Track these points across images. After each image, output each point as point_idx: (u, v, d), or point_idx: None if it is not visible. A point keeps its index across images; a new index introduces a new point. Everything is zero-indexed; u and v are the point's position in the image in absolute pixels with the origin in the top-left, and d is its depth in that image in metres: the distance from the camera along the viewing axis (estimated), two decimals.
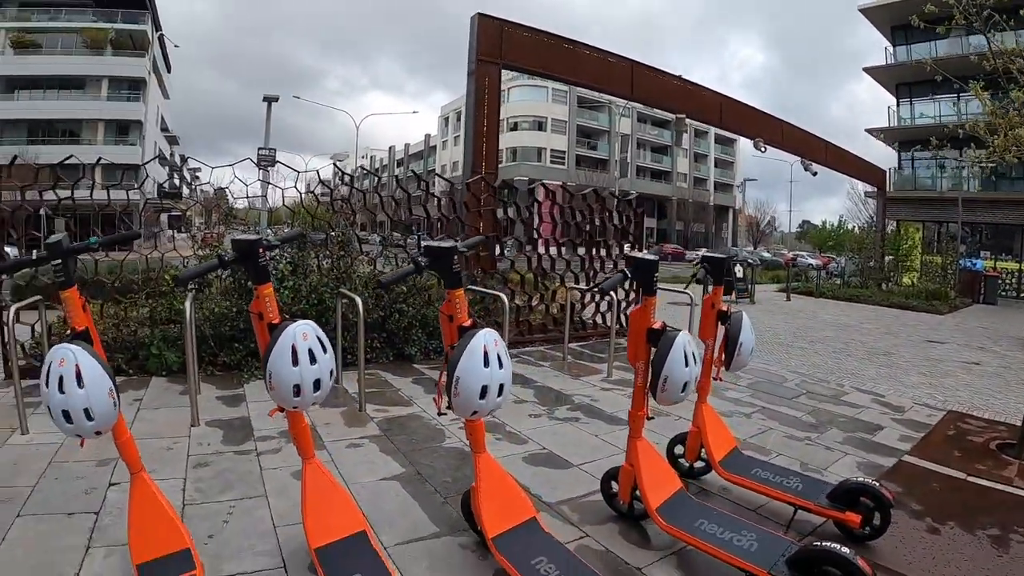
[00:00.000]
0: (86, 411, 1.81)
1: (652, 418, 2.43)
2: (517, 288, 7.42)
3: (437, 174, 8.90)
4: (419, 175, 8.41)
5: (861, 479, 2.65)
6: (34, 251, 2.21)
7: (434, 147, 61.76)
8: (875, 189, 18.85)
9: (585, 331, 7.87)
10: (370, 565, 1.99)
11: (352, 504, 2.23)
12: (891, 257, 17.08)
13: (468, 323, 2.05)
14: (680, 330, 2.20)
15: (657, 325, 2.22)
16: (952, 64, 8.92)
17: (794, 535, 2.62)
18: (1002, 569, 2.49)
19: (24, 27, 34.45)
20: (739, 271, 13.26)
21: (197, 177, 44.36)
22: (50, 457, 3.32)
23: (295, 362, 1.88)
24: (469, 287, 6.17)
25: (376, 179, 11.71)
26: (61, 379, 1.79)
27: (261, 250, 2.04)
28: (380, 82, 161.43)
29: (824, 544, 2.00)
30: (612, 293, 6.12)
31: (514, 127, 50.29)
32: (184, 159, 53.20)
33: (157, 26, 36.70)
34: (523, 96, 48.40)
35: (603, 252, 8.19)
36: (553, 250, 7.97)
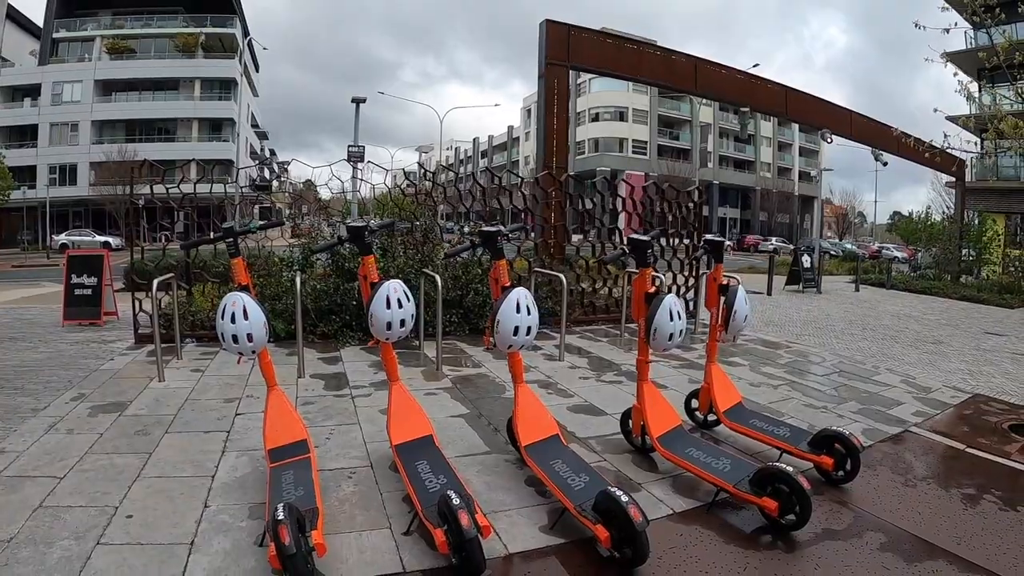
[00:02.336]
0: (248, 335, 2.65)
1: (648, 362, 3.07)
2: (583, 272, 8.06)
3: (508, 170, 9.61)
4: (491, 170, 9.13)
5: (836, 428, 3.13)
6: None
7: (517, 138, 62.50)
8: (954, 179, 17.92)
9: None
10: (434, 456, 2.79)
11: (424, 415, 3.03)
12: (970, 249, 16.27)
13: (508, 284, 2.80)
14: (669, 293, 2.84)
15: (651, 290, 2.87)
16: None
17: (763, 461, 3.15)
18: (961, 518, 2.82)
19: (119, 34, 37.60)
20: (806, 261, 13.17)
21: (286, 170, 47.43)
22: (185, 396, 4.36)
23: (388, 306, 2.70)
24: (536, 269, 6.96)
25: (456, 174, 12.69)
26: (233, 314, 2.64)
27: (367, 232, 2.89)
28: (458, 72, 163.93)
29: (775, 465, 2.57)
30: (662, 278, 6.70)
31: (595, 118, 49.95)
32: (273, 153, 57.05)
33: (245, 28, 38.62)
34: (604, 86, 47.91)
35: (664, 240, 8.61)
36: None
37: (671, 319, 2.74)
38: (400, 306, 2.71)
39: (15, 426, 3.67)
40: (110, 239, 26.86)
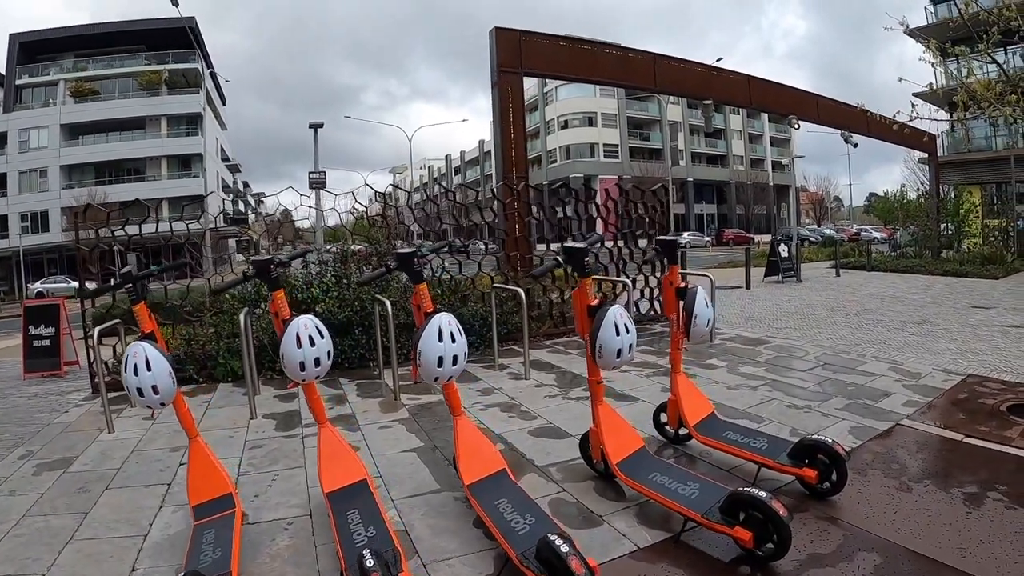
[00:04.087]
0: (153, 387, 2.44)
1: (600, 382, 2.78)
2: (550, 284, 7.79)
3: (465, 185, 9.27)
4: (445, 187, 8.83)
5: (816, 436, 2.83)
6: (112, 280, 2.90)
7: (488, 152, 62.77)
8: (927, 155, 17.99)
9: None
10: (367, 503, 2.50)
11: (355, 458, 2.75)
12: (948, 223, 16.24)
13: (431, 309, 2.50)
14: (615, 304, 2.55)
15: (594, 302, 2.57)
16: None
17: (740, 485, 2.87)
18: (965, 524, 2.52)
19: (82, 76, 37.44)
20: (783, 251, 13.02)
21: (262, 202, 47.03)
22: (132, 448, 4.07)
23: (299, 344, 2.42)
24: (495, 286, 6.67)
25: (425, 195, 12.38)
26: (136, 366, 2.42)
27: (272, 266, 2.62)
28: (422, 91, 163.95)
29: (746, 490, 2.27)
30: (628, 283, 6.44)
31: (565, 125, 50.32)
32: (246, 185, 56.65)
33: (208, 63, 38.68)
34: (571, 93, 48.32)
35: (631, 243, 8.39)
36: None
37: (617, 333, 2.45)
38: (312, 343, 2.43)
39: None
40: (88, 284, 26.19)
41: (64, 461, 3.89)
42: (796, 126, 11.52)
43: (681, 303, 3.08)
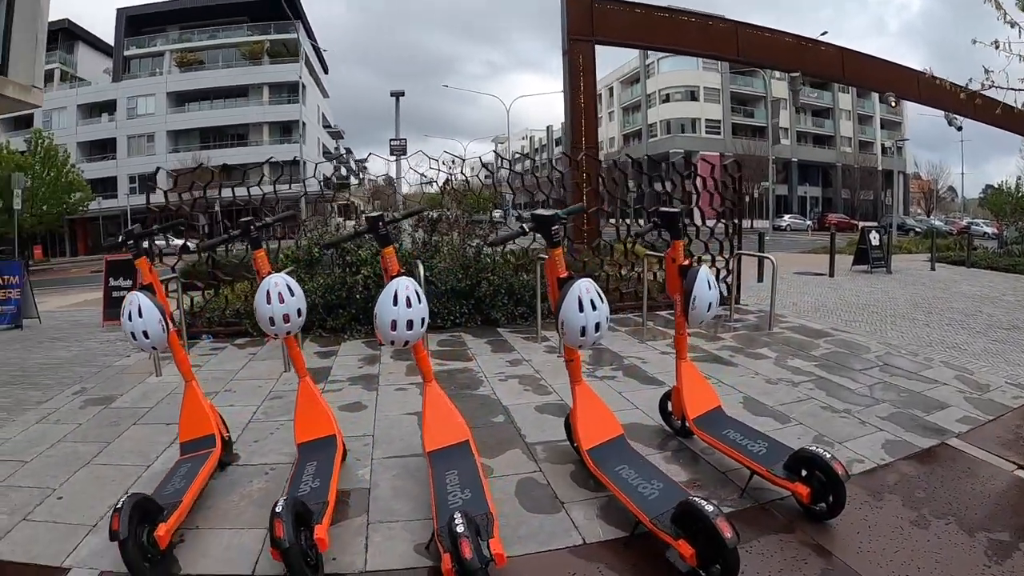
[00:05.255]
0: (144, 332, 2.63)
1: (571, 361, 2.63)
2: (608, 259, 7.56)
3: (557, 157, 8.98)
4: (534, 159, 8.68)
5: (814, 448, 2.48)
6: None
7: None
8: None
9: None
10: (325, 458, 2.59)
11: (328, 415, 2.83)
12: None
13: (563, 274, 2.43)
14: (585, 277, 2.37)
15: (564, 274, 2.42)
16: None
17: (703, 492, 2.65)
18: None
19: (187, 47, 39.97)
20: (874, 238, 11.81)
21: (365, 167, 48.89)
22: (169, 390, 4.42)
23: (268, 300, 2.48)
24: (541, 256, 6.55)
25: (533, 162, 12.27)
26: (130, 312, 2.63)
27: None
28: (524, 60, 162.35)
29: (694, 500, 2.02)
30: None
31: (666, 99, 48.42)
32: (349, 151, 59.15)
33: (309, 33, 39.79)
34: (673, 66, 46.17)
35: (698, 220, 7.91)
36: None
37: (580, 310, 2.27)
38: (282, 300, 2.50)
39: (15, 416, 3.98)
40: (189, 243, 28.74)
41: (108, 398, 4.33)
42: (894, 104, 10.30)
43: (684, 282, 2.84)
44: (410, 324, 2.31)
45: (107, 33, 41.84)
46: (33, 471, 3.08)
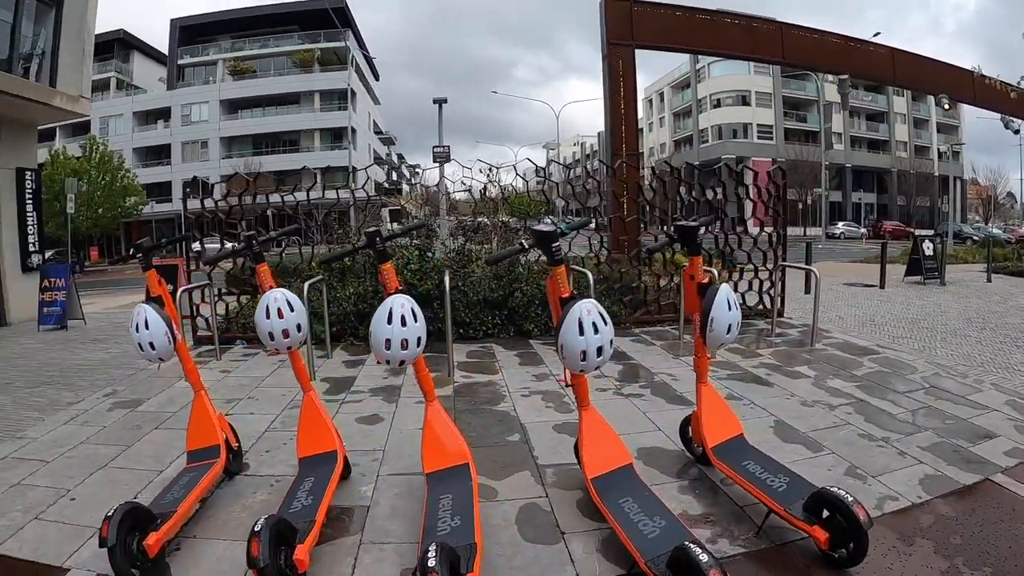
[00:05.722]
0: (150, 343, 2.68)
1: (570, 385, 2.50)
2: (646, 269, 7.37)
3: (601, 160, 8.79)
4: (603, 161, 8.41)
5: (835, 489, 2.25)
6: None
7: (640, 129, 60.81)
8: None
9: None
10: (322, 473, 2.58)
11: (330, 430, 2.82)
12: None
13: (566, 294, 2.35)
14: (588, 298, 2.25)
15: (566, 294, 2.30)
16: None
17: (717, 528, 2.49)
18: None
19: (239, 56, 41.33)
20: (928, 248, 11.11)
21: (417, 173, 49.56)
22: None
23: (267, 316, 2.47)
24: (572, 267, 6.40)
25: (584, 169, 12.27)
26: (138, 324, 2.69)
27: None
28: (574, 66, 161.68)
29: (688, 546, 1.86)
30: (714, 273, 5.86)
31: (717, 104, 47.56)
32: (401, 157, 60.25)
33: (359, 40, 40.43)
34: (724, 70, 45.25)
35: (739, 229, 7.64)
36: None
37: (580, 333, 2.14)
38: (280, 316, 2.49)
39: (46, 416, 4.14)
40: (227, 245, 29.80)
41: (136, 402, 4.46)
42: (947, 107, 9.68)
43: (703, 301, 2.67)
44: (404, 344, 2.24)
45: (161, 43, 44.03)
46: (52, 471, 3.19)
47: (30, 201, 9.05)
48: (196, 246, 7.09)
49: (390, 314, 2.24)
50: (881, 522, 2.53)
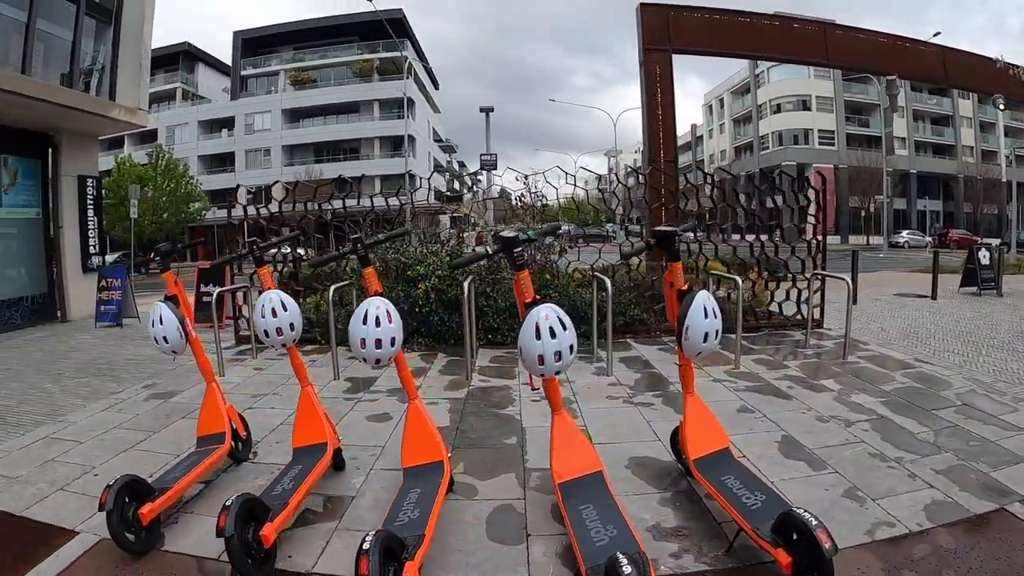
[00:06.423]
0: (164, 338, 2.96)
1: (536, 389, 2.55)
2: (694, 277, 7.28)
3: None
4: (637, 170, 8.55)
5: (801, 511, 2.10)
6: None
7: (700, 136, 59.64)
8: None
9: (757, 321, 7.31)
10: (309, 464, 2.73)
11: (322, 425, 2.97)
12: None
13: (530, 299, 2.35)
14: (548, 303, 2.27)
15: (530, 299, 2.31)
16: None
17: (686, 543, 2.46)
18: None
19: (300, 67, 42.81)
20: (984, 257, 10.37)
21: (479, 180, 49.90)
22: (226, 390, 4.68)
23: (263, 315, 2.65)
24: (595, 274, 6.40)
25: (638, 176, 12.29)
26: (154, 320, 2.97)
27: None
28: (632, 72, 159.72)
29: (619, 557, 1.86)
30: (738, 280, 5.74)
31: (777, 109, 46.31)
32: (462, 165, 61.20)
33: (418, 50, 41.02)
34: (783, 75, 43.89)
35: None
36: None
37: (538, 337, 2.17)
38: (274, 315, 2.69)
39: (89, 404, 4.55)
40: (300, 251, 30.82)
41: (170, 393, 4.81)
42: (1003, 108, 9.06)
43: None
44: (379, 343, 2.37)
45: (225, 54, 46.30)
46: (83, 451, 3.53)
47: (91, 207, 9.75)
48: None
49: (366, 315, 2.37)
50: (868, 549, 2.42)
